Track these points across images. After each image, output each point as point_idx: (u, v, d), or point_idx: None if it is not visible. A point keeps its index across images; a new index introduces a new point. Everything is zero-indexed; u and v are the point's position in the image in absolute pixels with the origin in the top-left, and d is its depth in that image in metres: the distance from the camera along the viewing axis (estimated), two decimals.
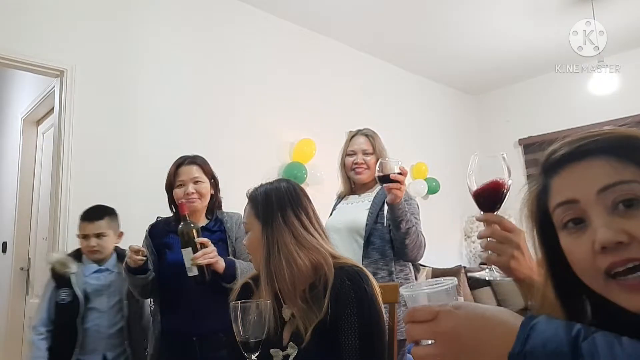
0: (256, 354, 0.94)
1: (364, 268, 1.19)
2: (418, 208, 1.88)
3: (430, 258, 4.30)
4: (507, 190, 0.82)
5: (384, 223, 1.82)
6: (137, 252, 1.64)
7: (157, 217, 1.92)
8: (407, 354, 1.81)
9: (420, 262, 4.27)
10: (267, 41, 3.50)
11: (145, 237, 1.87)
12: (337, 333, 1.08)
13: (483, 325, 0.52)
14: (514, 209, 0.87)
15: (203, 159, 1.87)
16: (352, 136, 2.02)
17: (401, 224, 1.68)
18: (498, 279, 0.83)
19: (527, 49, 4.31)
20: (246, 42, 3.35)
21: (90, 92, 2.55)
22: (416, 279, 2.01)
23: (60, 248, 2.36)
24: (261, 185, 1.26)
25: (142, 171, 2.67)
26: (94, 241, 1.97)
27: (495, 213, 0.83)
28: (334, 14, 3.59)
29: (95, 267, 1.98)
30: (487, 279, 0.84)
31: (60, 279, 1.94)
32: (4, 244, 3.58)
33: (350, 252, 1.81)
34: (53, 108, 2.66)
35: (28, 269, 3.29)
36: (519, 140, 5.14)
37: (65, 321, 1.91)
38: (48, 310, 1.94)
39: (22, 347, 3.24)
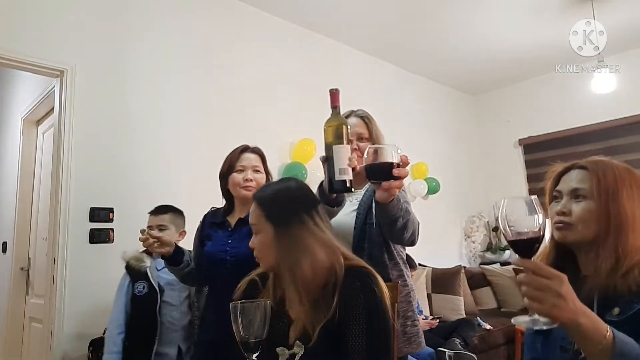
0: (256, 354, 0.94)
1: (372, 269, 1.18)
2: (406, 193, 1.58)
3: (430, 258, 4.30)
4: (543, 238, 0.82)
5: (373, 224, 1.55)
6: (146, 239, 1.62)
7: (212, 208, 1.90)
8: None
9: (420, 262, 4.29)
10: (268, 41, 3.50)
11: (197, 228, 1.86)
12: (345, 334, 1.08)
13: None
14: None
15: (263, 152, 1.86)
16: (345, 117, 1.80)
17: (397, 221, 1.34)
18: (544, 327, 0.80)
19: (527, 49, 4.31)
20: (247, 43, 3.35)
21: (90, 92, 2.55)
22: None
23: (61, 248, 2.36)
24: (267, 186, 1.25)
25: (142, 171, 2.67)
26: (155, 232, 2.01)
27: (532, 259, 0.82)
28: (334, 14, 3.59)
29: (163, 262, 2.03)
30: (533, 327, 0.82)
31: (136, 273, 2.08)
32: (4, 244, 3.58)
33: None
34: (53, 108, 2.66)
35: (28, 269, 3.29)
36: (519, 140, 5.15)
37: (143, 313, 2.02)
38: (125, 305, 2.06)
39: (23, 346, 3.24)
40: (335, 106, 1.31)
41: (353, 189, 1.27)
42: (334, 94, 1.33)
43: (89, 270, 2.42)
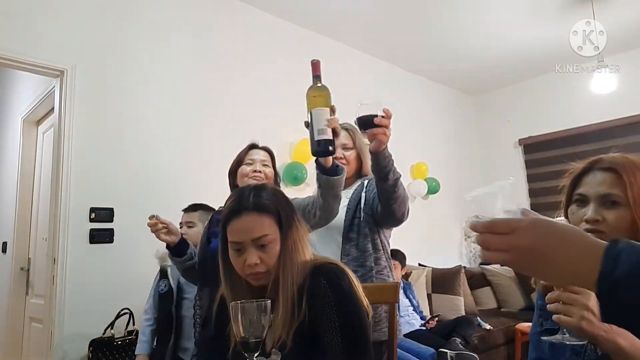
0: (256, 354, 0.94)
1: (339, 263, 1.16)
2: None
3: (430, 258, 4.30)
4: None
5: (361, 217, 1.73)
6: (154, 224, 1.64)
7: (220, 207, 1.90)
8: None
9: (420, 262, 4.28)
10: (267, 41, 3.50)
11: (205, 226, 1.88)
12: (319, 335, 1.06)
13: (561, 243, 0.56)
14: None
15: (272, 151, 1.94)
16: None
17: (389, 174, 1.52)
18: (575, 342, 0.84)
19: (527, 49, 4.31)
20: (246, 43, 3.35)
21: (90, 92, 2.56)
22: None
23: (61, 248, 2.36)
24: (254, 193, 1.13)
25: (142, 171, 2.67)
26: (184, 229, 2.16)
27: None
28: (334, 14, 3.59)
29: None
30: (565, 342, 0.85)
31: (162, 271, 2.22)
32: (4, 244, 3.58)
33: (328, 251, 1.74)
34: (53, 108, 2.66)
35: (28, 269, 3.29)
36: (519, 140, 5.15)
37: (164, 309, 2.14)
38: (153, 297, 2.19)
39: (22, 346, 3.24)
40: (316, 75, 1.46)
41: (333, 151, 1.38)
42: (315, 64, 1.48)
43: (89, 270, 2.42)
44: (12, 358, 3.22)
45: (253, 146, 1.87)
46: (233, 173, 1.82)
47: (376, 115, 1.41)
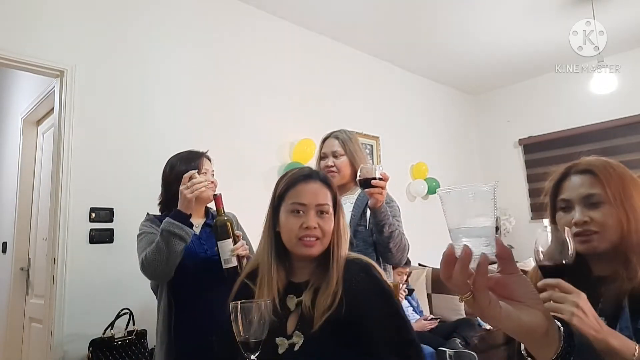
0: (256, 354, 0.94)
1: (370, 260, 1.23)
2: (399, 210, 1.87)
3: (431, 258, 4.30)
4: (570, 264, 0.86)
5: (366, 226, 1.81)
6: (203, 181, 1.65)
7: (148, 214, 1.90)
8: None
9: (420, 262, 4.28)
10: (268, 42, 3.50)
11: (152, 225, 1.78)
12: (364, 325, 1.08)
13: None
14: (513, 207, 0.88)
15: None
16: (325, 139, 2.01)
17: (384, 227, 1.70)
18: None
19: (527, 49, 4.31)
20: (247, 43, 3.35)
21: (90, 92, 2.55)
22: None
23: (61, 248, 2.36)
24: (315, 171, 1.27)
25: (142, 171, 2.67)
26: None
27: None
28: (334, 14, 3.59)
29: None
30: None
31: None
32: (4, 244, 3.58)
33: None
34: (53, 108, 2.66)
35: (28, 269, 3.29)
36: (519, 140, 5.15)
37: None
38: None
39: (22, 346, 3.24)
40: (220, 208, 1.64)
41: (240, 273, 1.45)
42: (218, 198, 1.66)
43: (89, 270, 2.42)
44: (12, 358, 3.22)
45: (204, 155, 1.91)
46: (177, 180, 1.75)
47: (374, 178, 1.62)
